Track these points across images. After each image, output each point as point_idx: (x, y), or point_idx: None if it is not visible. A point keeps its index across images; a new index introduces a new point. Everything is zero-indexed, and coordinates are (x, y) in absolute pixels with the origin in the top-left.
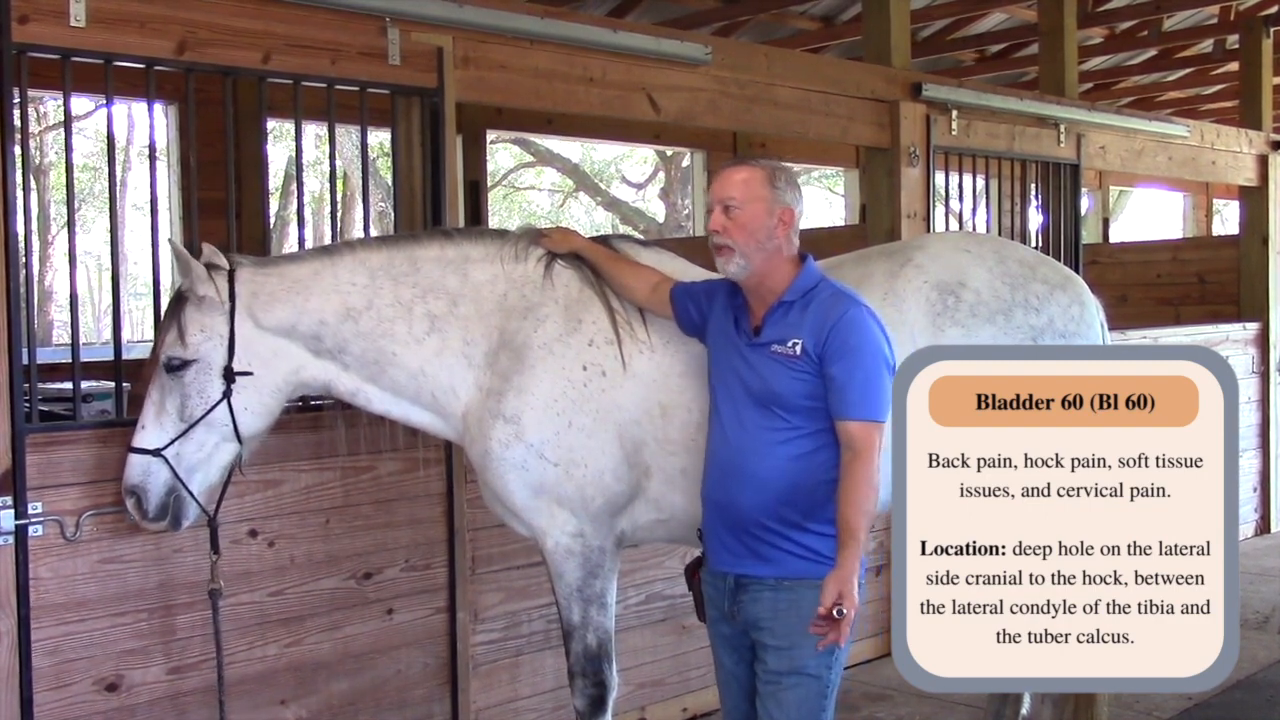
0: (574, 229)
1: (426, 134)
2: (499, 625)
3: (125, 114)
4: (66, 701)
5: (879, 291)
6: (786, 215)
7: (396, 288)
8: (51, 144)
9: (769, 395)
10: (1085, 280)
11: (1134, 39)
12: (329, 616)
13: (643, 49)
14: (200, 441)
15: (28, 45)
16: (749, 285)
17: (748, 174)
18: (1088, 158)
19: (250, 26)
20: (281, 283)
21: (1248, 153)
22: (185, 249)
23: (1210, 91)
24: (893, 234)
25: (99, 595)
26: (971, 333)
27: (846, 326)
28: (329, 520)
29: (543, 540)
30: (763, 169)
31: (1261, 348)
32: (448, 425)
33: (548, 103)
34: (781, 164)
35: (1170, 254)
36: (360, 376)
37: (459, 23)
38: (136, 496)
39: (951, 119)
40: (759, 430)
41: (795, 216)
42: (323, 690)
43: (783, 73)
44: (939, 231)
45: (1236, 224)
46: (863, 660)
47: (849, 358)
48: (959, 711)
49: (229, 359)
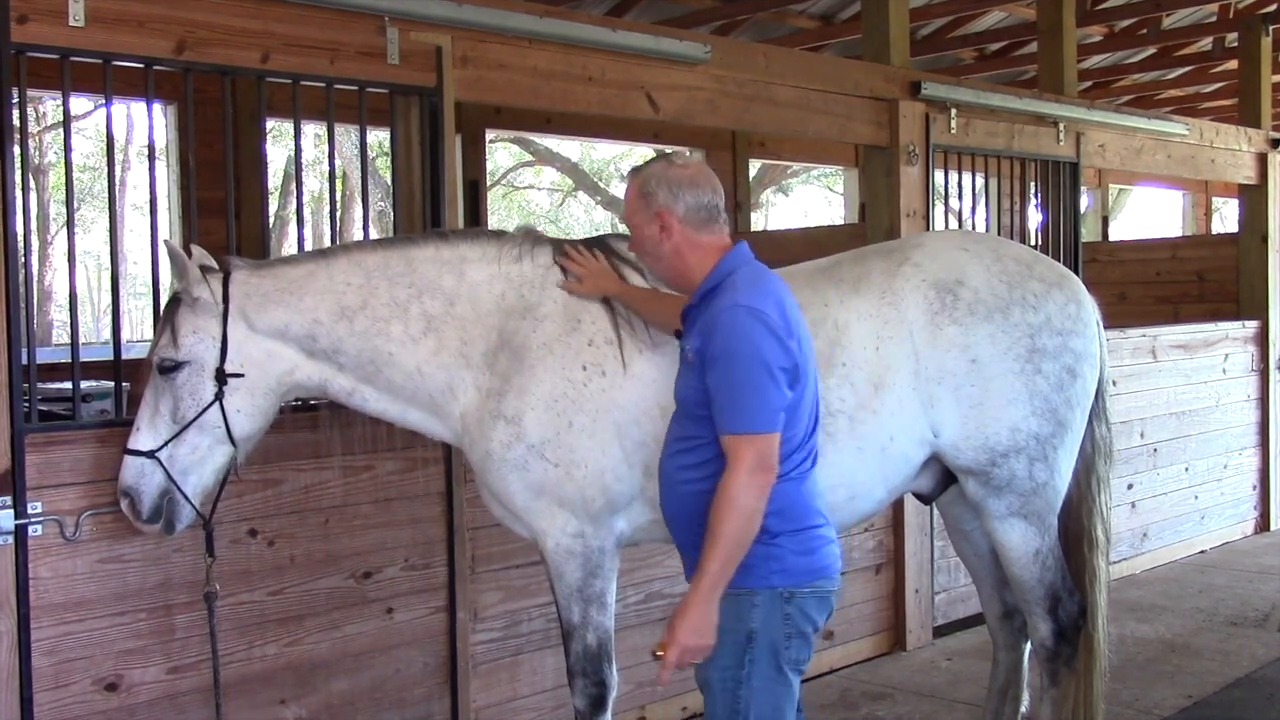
0: (605, 265)
1: (425, 133)
2: (499, 624)
3: (124, 114)
4: (66, 701)
5: (877, 290)
6: (663, 217)
7: (392, 288)
8: (51, 144)
9: (678, 403)
10: (1084, 279)
11: (1133, 37)
12: (328, 616)
13: (642, 48)
14: (193, 444)
15: (27, 45)
16: (683, 292)
17: (629, 190)
18: (1087, 156)
19: (249, 26)
20: (276, 284)
21: (1247, 151)
22: (181, 250)
23: (1209, 90)
24: (892, 232)
25: (98, 595)
26: (969, 331)
27: (720, 329)
28: (328, 519)
29: (543, 541)
30: (637, 179)
31: (1261, 346)
32: (445, 426)
33: (546, 102)
34: (664, 161)
35: (1169, 252)
36: (356, 377)
37: (458, 22)
38: (130, 498)
39: (950, 117)
40: (673, 440)
41: (671, 215)
42: (322, 689)
43: (782, 71)
44: (936, 230)
45: (1236, 222)
46: (863, 659)
47: (719, 364)
48: (959, 710)
49: (221, 360)
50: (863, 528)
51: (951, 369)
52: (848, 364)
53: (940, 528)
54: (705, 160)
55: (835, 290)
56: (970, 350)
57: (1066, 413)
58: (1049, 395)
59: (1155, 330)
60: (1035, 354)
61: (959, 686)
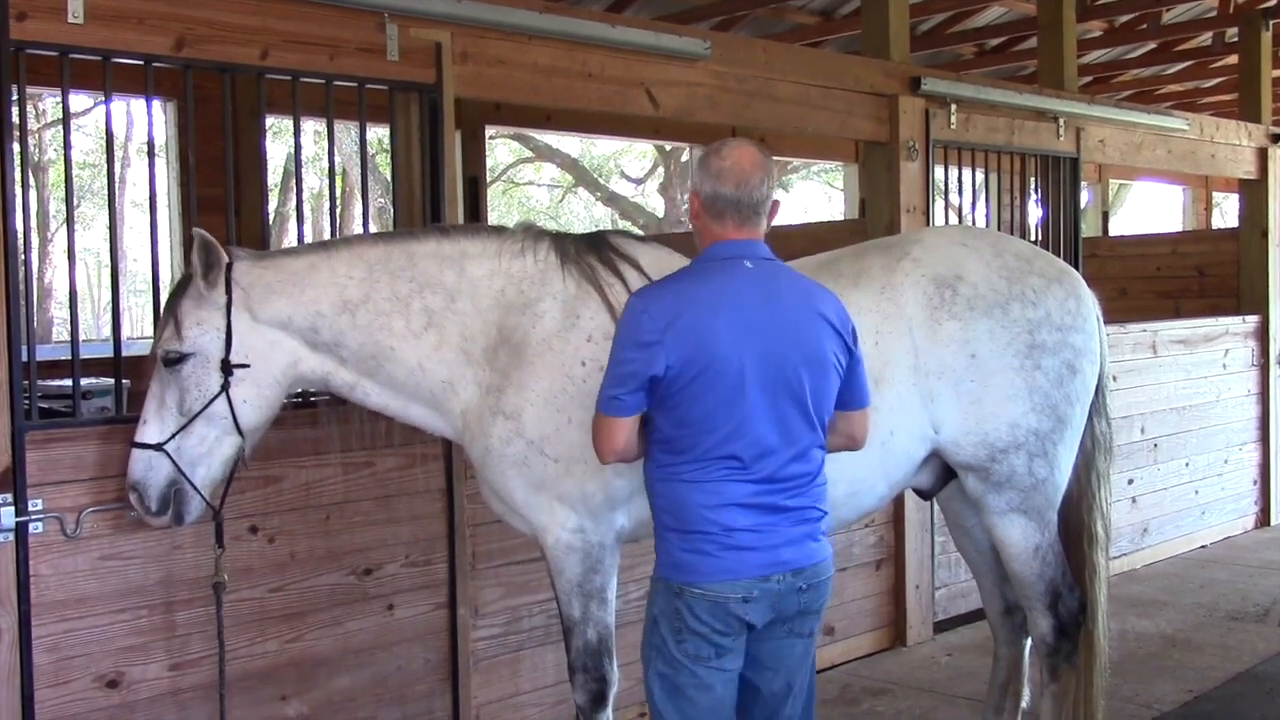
0: None
1: (425, 130)
2: (499, 620)
3: (124, 111)
4: (67, 698)
5: (876, 285)
6: (693, 199)
7: (394, 282)
8: (50, 141)
9: None
10: (1084, 274)
11: (1133, 32)
12: (329, 612)
13: (641, 44)
14: (201, 435)
15: (26, 42)
16: None
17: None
18: (1087, 151)
19: (248, 23)
20: (278, 275)
21: (1247, 146)
22: (213, 239)
23: (1210, 85)
24: (892, 228)
25: (99, 592)
26: (969, 326)
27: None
28: (329, 516)
29: (543, 537)
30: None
31: (1261, 340)
32: (446, 422)
33: (546, 98)
34: (714, 145)
35: (1170, 247)
36: (358, 371)
37: (457, 18)
38: (138, 491)
39: (950, 113)
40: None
41: (698, 199)
42: (323, 686)
43: (781, 67)
44: (936, 225)
45: (1236, 217)
46: (864, 654)
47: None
48: (959, 705)
49: (226, 351)
50: (863, 523)
51: (951, 364)
52: None
53: (941, 523)
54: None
55: (834, 285)
56: (969, 345)
57: (1066, 408)
58: (1049, 391)
59: (1156, 325)
60: (1035, 349)
61: (959, 682)
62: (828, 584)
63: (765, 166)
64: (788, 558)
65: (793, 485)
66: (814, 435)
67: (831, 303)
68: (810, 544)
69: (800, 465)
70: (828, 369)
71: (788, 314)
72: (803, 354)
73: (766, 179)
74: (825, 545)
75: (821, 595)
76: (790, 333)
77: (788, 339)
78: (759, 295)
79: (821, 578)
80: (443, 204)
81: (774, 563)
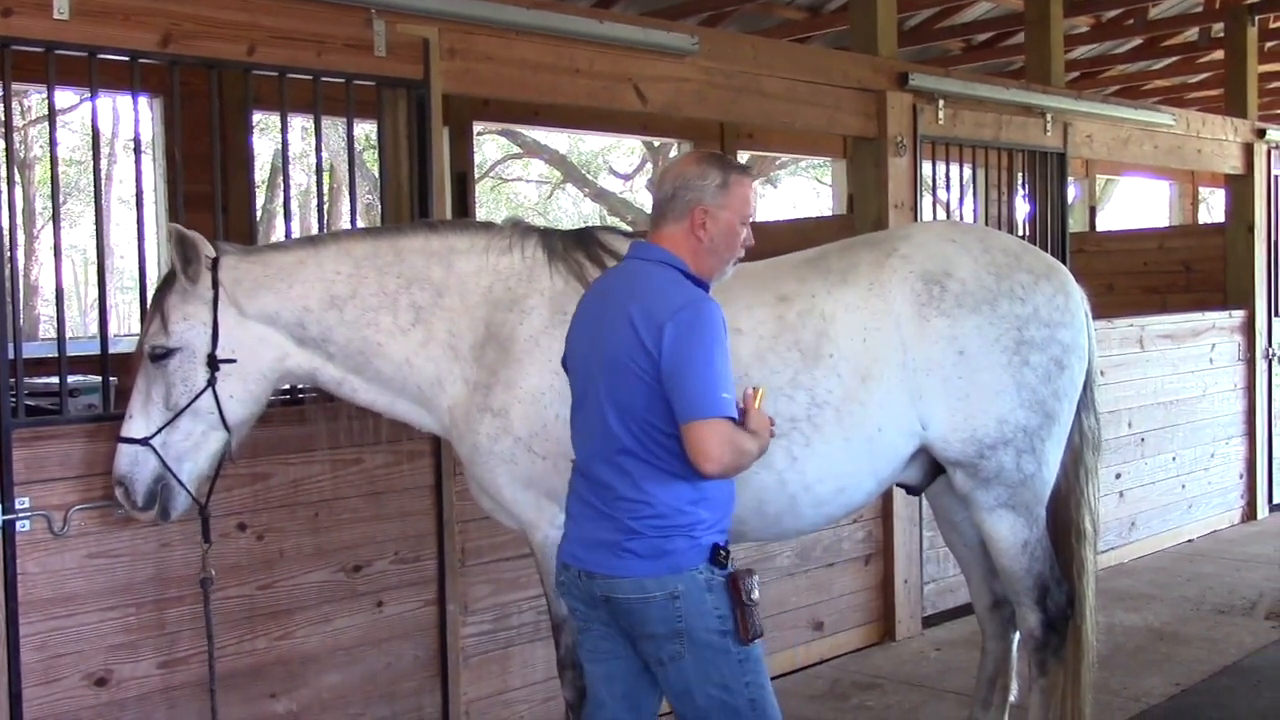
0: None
1: (413, 126)
2: (489, 617)
3: (110, 107)
4: (56, 696)
5: (864, 281)
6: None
7: (381, 278)
8: (36, 138)
9: None
10: (1072, 269)
11: (1120, 27)
12: (318, 609)
13: (629, 40)
14: (187, 430)
15: (11, 38)
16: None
17: None
18: (1074, 146)
19: (235, 19)
20: (266, 270)
21: (1233, 141)
22: (192, 233)
23: (1196, 80)
24: (880, 224)
25: (87, 590)
26: (957, 322)
27: None
28: (318, 513)
29: (531, 534)
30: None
31: (1247, 335)
32: (433, 418)
33: (534, 94)
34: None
35: (1157, 242)
36: (346, 367)
37: (445, 14)
38: (125, 486)
39: (938, 108)
40: None
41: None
42: (312, 683)
43: (769, 63)
44: (924, 221)
45: (1222, 212)
46: (853, 649)
47: None
48: (948, 700)
49: (212, 346)
50: (852, 519)
51: (939, 360)
52: (835, 355)
53: (929, 518)
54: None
55: (822, 281)
56: (958, 342)
57: (1054, 404)
58: (1036, 387)
59: (1143, 320)
60: (1023, 346)
61: (948, 676)
62: (645, 606)
63: (679, 171)
64: (581, 555)
65: (601, 489)
66: (624, 441)
67: (647, 303)
68: (609, 556)
69: (608, 471)
70: (623, 372)
71: (604, 315)
72: (599, 355)
73: (675, 181)
74: (632, 563)
75: (637, 617)
76: (596, 334)
77: (593, 340)
78: (597, 296)
79: (621, 594)
80: (431, 200)
81: (570, 554)
